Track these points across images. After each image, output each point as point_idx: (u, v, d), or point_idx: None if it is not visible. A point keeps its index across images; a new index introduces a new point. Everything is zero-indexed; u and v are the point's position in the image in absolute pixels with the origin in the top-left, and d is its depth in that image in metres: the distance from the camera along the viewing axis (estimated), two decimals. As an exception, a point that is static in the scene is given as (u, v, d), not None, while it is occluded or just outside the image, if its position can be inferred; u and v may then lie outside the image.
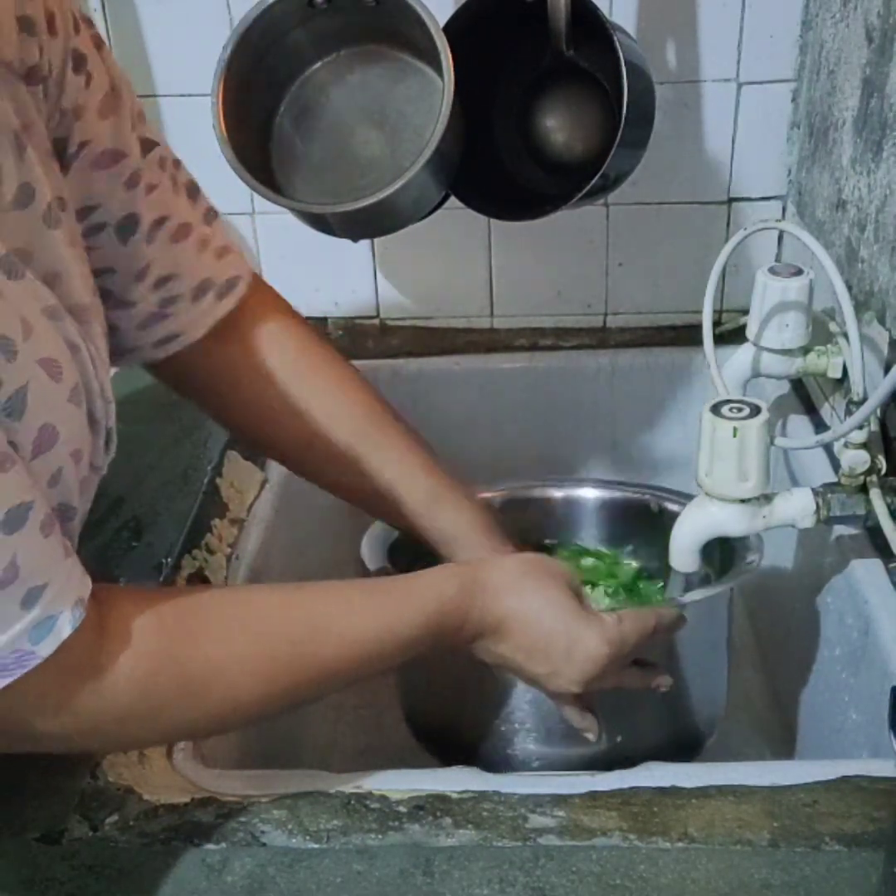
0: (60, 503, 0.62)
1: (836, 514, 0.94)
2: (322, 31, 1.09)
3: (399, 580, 0.79)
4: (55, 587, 0.58)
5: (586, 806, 0.74)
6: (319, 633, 0.71)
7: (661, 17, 1.27)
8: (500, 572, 0.79)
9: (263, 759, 0.98)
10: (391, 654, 0.74)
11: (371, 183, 1.07)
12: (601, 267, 1.42)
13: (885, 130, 0.99)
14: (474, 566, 0.81)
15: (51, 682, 0.59)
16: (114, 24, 1.30)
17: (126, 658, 0.62)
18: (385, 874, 0.70)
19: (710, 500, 0.89)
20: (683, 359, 1.41)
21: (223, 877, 0.70)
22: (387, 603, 0.75)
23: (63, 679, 0.59)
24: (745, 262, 1.37)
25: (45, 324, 0.61)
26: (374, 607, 0.74)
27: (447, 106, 1.00)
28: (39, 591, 0.57)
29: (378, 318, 1.47)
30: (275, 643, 0.69)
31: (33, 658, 0.57)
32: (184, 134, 1.35)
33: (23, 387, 0.57)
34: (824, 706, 1.04)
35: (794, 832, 0.71)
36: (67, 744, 0.66)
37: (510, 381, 1.42)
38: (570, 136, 1.24)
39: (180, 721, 0.67)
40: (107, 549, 1.00)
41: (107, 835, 0.73)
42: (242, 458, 1.20)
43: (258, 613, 0.70)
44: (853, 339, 0.96)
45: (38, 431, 0.59)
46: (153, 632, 0.63)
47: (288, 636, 0.70)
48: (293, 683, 0.70)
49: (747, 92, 1.31)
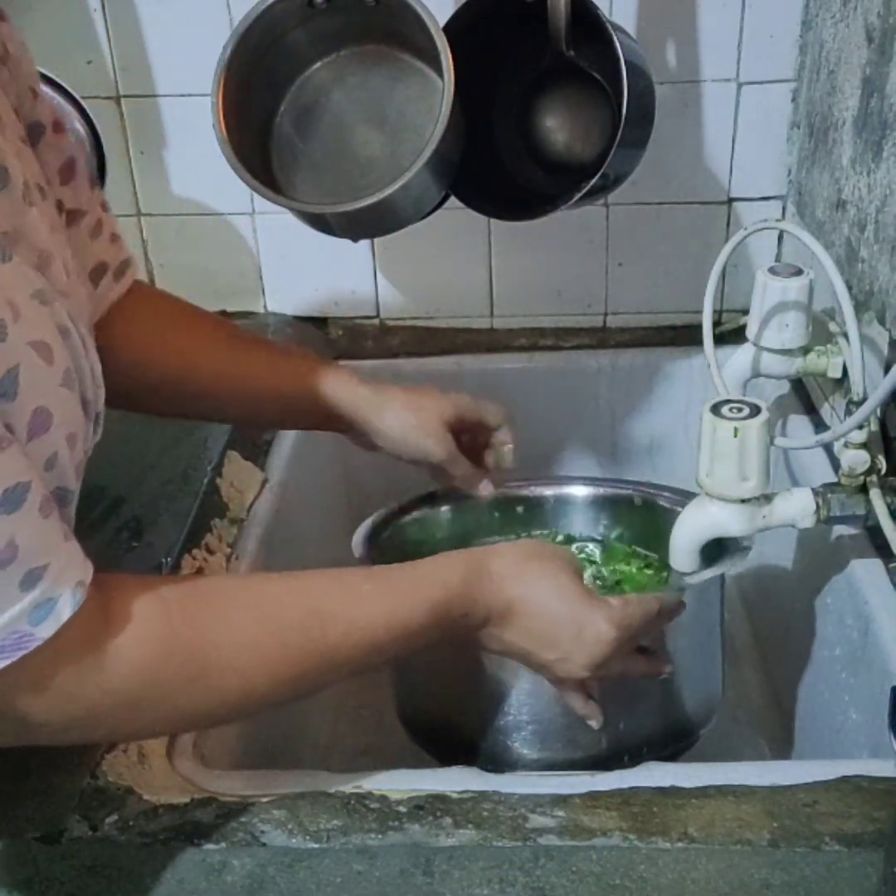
0: (58, 487, 0.62)
1: (836, 514, 0.94)
2: (322, 31, 1.09)
3: (404, 568, 0.78)
4: (55, 569, 0.57)
5: (586, 806, 0.74)
6: (328, 620, 0.70)
7: (661, 17, 1.27)
8: (504, 559, 0.79)
9: (263, 759, 0.98)
10: (399, 642, 0.73)
11: (371, 183, 1.07)
12: (601, 267, 1.42)
13: (885, 130, 0.99)
14: (479, 553, 0.81)
15: (50, 666, 0.58)
16: (114, 24, 1.30)
17: (130, 644, 0.61)
18: (385, 874, 0.70)
19: (710, 500, 0.89)
20: (683, 359, 1.41)
21: (223, 877, 0.70)
22: (394, 590, 0.74)
23: (63, 664, 0.59)
24: (745, 262, 1.37)
25: (35, 307, 0.60)
26: (382, 595, 0.74)
27: (447, 106, 1.00)
28: (39, 573, 0.56)
29: (378, 318, 1.47)
30: (284, 630, 0.69)
31: (33, 640, 0.57)
32: (184, 134, 1.36)
33: (14, 367, 0.57)
34: (824, 706, 1.04)
35: (793, 832, 0.71)
36: (66, 734, 0.64)
37: (510, 381, 1.42)
38: (570, 136, 1.24)
39: (187, 709, 0.67)
40: (107, 548, 1.00)
41: (107, 835, 0.73)
42: (242, 458, 1.20)
43: (266, 600, 0.70)
44: (853, 339, 0.96)
45: (32, 414, 0.58)
46: (159, 618, 0.63)
47: (297, 623, 0.69)
48: (302, 671, 0.69)
49: (747, 92, 1.31)
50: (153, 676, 0.62)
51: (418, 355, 1.43)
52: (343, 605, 0.72)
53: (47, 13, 1.29)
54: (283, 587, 0.73)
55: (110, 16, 1.30)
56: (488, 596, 0.76)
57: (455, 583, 0.75)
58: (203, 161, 1.12)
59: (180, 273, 1.44)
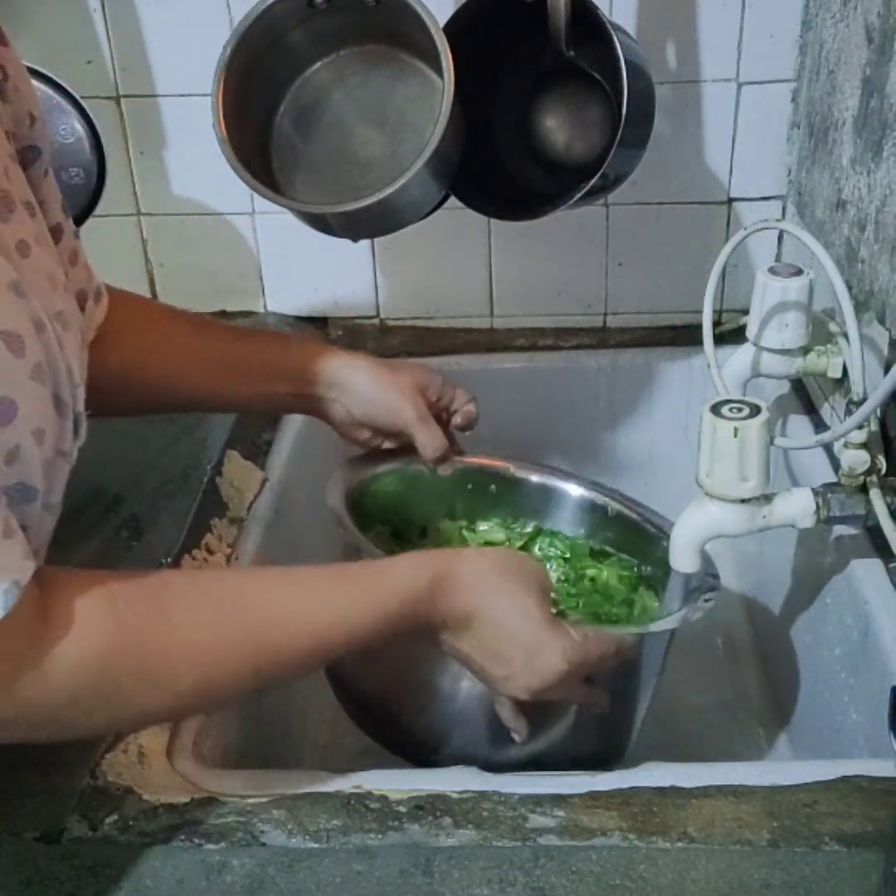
0: (19, 482, 0.60)
1: (836, 514, 0.94)
2: (322, 31, 1.09)
3: (371, 567, 0.78)
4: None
5: (586, 806, 0.74)
6: (283, 620, 0.70)
7: (661, 17, 1.27)
8: (474, 568, 0.79)
9: (263, 759, 0.98)
10: (357, 641, 0.73)
11: (371, 183, 1.07)
12: (601, 267, 1.42)
13: (885, 130, 0.99)
14: (449, 557, 0.80)
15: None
16: (114, 24, 1.30)
17: (73, 643, 0.60)
18: (385, 874, 0.70)
19: (710, 501, 0.89)
20: (683, 359, 1.41)
21: (223, 877, 0.70)
22: (354, 591, 0.74)
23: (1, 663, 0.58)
24: (745, 262, 1.37)
25: (9, 297, 0.59)
26: (344, 596, 0.73)
27: (447, 106, 1.00)
28: None
29: (378, 318, 1.47)
30: (238, 630, 0.68)
31: None
32: (184, 134, 1.36)
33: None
34: (824, 706, 1.03)
35: (793, 832, 0.71)
36: (11, 733, 0.63)
37: (510, 381, 1.42)
38: (570, 136, 1.24)
39: (138, 707, 0.65)
40: (107, 548, 1.00)
41: (106, 834, 0.73)
42: (242, 457, 1.20)
43: (220, 598, 0.69)
44: (853, 339, 0.96)
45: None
46: (105, 613, 0.62)
47: (250, 622, 0.69)
48: (254, 669, 0.69)
49: (747, 92, 1.31)
50: (99, 674, 0.61)
51: (418, 355, 1.43)
52: (303, 606, 0.71)
53: (47, 13, 1.29)
54: (238, 585, 0.72)
55: (110, 16, 1.30)
56: (449, 604, 0.76)
57: (420, 590, 0.75)
58: (203, 161, 1.12)
59: (180, 273, 1.44)
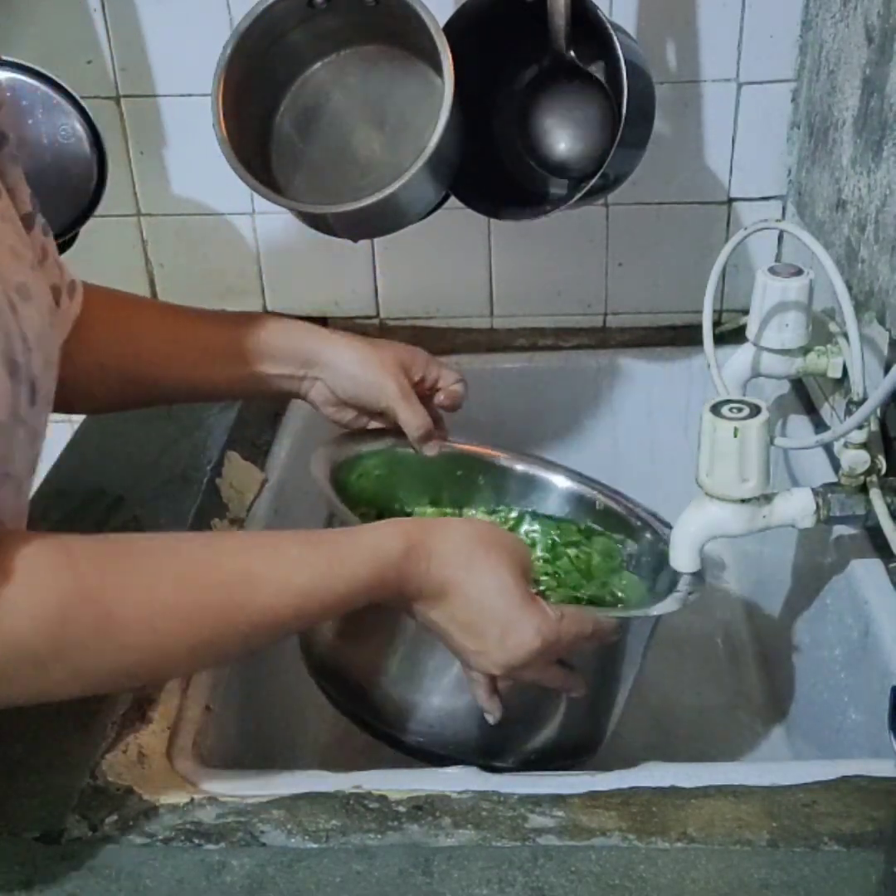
0: None
1: (836, 514, 0.94)
2: (322, 31, 1.09)
3: (345, 533, 0.77)
4: None
5: (585, 806, 0.74)
6: (250, 582, 0.69)
7: (661, 17, 1.27)
8: (451, 539, 0.78)
9: (263, 759, 0.98)
10: (326, 608, 0.73)
11: (371, 183, 1.07)
12: (601, 267, 1.42)
13: (885, 130, 0.99)
14: (424, 529, 0.78)
15: None
16: (114, 24, 1.30)
17: (29, 598, 0.59)
18: (384, 874, 0.70)
19: (710, 500, 0.89)
20: (683, 359, 1.41)
21: (223, 877, 0.70)
22: (327, 556, 0.73)
23: None
24: (745, 262, 1.37)
25: None
26: (313, 560, 0.72)
27: (447, 106, 1.00)
28: None
29: (378, 317, 1.47)
30: (204, 589, 0.67)
31: None
32: (184, 134, 1.36)
33: None
34: (824, 706, 1.03)
35: (793, 832, 0.71)
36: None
37: (510, 381, 1.42)
38: (570, 135, 1.24)
39: (98, 667, 0.64)
40: (107, 548, 1.00)
41: (106, 835, 0.73)
42: (242, 458, 1.20)
43: (188, 559, 0.68)
44: (853, 339, 0.96)
45: None
46: (62, 568, 0.61)
47: (218, 583, 0.68)
48: (221, 634, 0.68)
49: (747, 92, 1.31)
50: (58, 626, 0.60)
51: (418, 355, 1.43)
52: (269, 569, 0.70)
53: (47, 13, 1.29)
54: (207, 548, 0.71)
55: (110, 16, 1.30)
56: (423, 574, 0.75)
57: (394, 558, 0.74)
58: (203, 161, 1.12)
59: (180, 273, 1.44)
